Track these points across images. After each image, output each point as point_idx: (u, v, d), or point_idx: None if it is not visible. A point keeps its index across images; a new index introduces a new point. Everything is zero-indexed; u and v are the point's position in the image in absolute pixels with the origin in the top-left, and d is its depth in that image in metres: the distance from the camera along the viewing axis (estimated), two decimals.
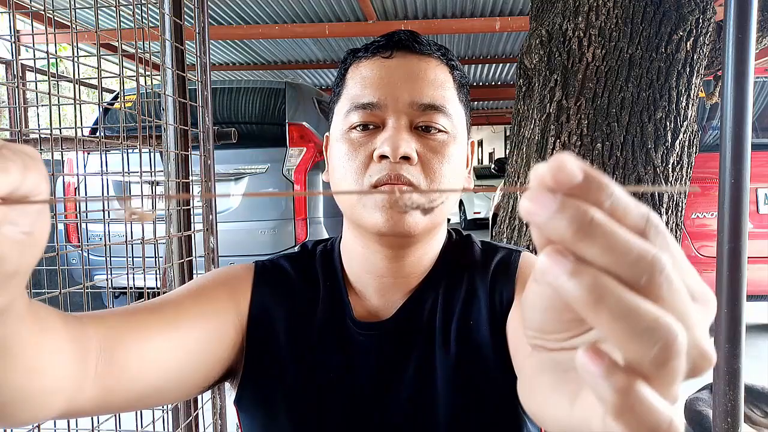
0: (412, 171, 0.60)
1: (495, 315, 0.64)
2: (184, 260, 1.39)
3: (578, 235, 0.22)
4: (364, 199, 0.61)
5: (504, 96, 8.94)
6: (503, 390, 0.61)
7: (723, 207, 1.04)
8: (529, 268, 0.66)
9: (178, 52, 1.33)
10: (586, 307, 0.21)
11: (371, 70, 0.64)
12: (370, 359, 0.65)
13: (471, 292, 0.66)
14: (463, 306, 0.66)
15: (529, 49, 1.71)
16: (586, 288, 0.21)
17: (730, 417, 1.16)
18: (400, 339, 0.66)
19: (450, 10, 5.05)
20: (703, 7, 1.59)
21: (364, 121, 0.62)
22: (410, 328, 0.66)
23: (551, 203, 0.22)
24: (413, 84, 0.62)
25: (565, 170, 0.22)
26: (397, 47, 0.64)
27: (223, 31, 5.27)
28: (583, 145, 1.61)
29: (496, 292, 0.65)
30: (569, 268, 0.22)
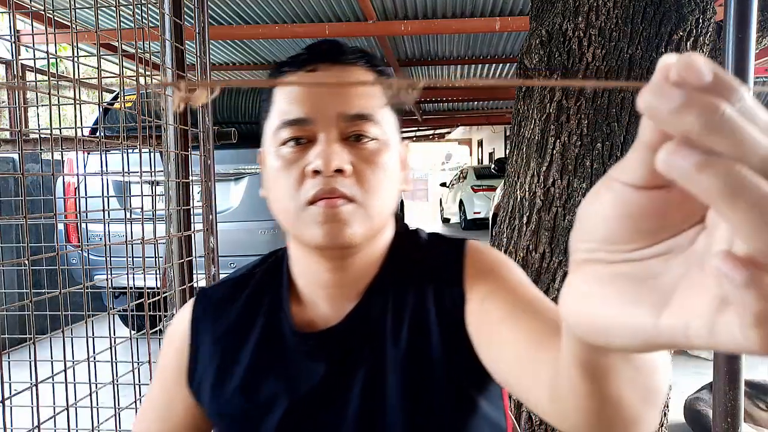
0: (346, 183, 0.60)
1: (444, 312, 0.64)
2: (184, 260, 1.39)
3: (708, 128, 0.21)
4: (302, 216, 0.61)
5: (504, 96, 8.94)
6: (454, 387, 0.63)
7: None
8: (477, 255, 0.66)
9: (178, 52, 1.33)
10: (721, 198, 0.21)
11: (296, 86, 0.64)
12: (314, 370, 0.65)
13: (420, 291, 0.66)
14: (413, 306, 0.65)
15: (529, 49, 1.71)
16: (722, 178, 0.20)
17: (730, 417, 1.16)
18: (347, 346, 0.65)
19: (450, 10, 5.05)
20: (703, 7, 1.59)
21: (295, 136, 0.62)
22: (358, 333, 0.66)
23: (678, 96, 0.21)
24: (340, 96, 0.63)
25: (693, 68, 0.22)
26: (321, 60, 0.65)
27: (223, 31, 5.27)
28: (583, 145, 1.61)
29: (444, 289, 0.65)
30: (700, 159, 0.21)
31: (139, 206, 1.37)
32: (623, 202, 0.25)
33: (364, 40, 5.91)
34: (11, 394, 1.15)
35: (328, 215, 0.59)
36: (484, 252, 0.68)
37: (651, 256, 0.26)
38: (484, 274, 0.64)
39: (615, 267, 0.26)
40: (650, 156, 0.23)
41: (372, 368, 0.64)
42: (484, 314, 0.59)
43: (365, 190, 0.61)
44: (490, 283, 0.62)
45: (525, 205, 1.69)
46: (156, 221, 1.38)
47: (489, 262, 0.66)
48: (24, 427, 1.25)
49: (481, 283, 0.63)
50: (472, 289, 0.63)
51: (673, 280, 0.25)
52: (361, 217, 0.61)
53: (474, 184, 10.68)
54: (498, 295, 0.60)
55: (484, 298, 0.61)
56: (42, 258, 1.23)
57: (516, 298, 0.58)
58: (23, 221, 1.07)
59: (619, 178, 0.25)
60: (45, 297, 1.23)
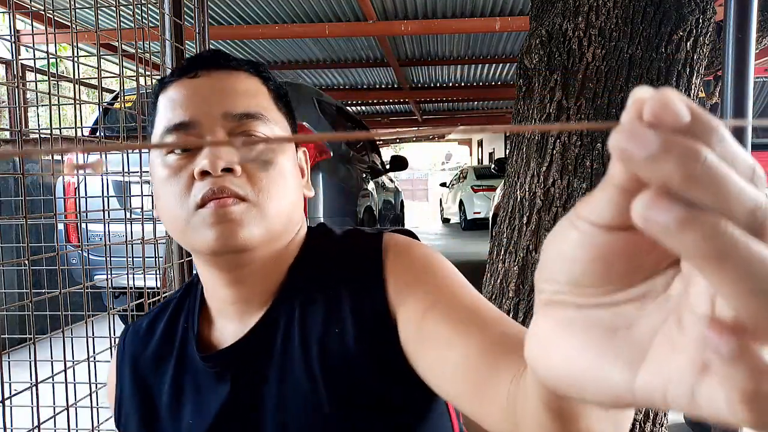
0: (236, 182, 0.57)
1: (362, 319, 0.58)
2: (184, 260, 1.39)
3: (690, 179, 0.19)
4: (193, 220, 0.57)
5: (504, 96, 8.94)
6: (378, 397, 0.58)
7: None
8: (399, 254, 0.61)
9: (178, 52, 1.33)
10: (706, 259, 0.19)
11: (178, 92, 0.61)
12: (220, 392, 0.61)
13: (333, 298, 0.61)
14: (324, 316, 0.60)
15: (529, 49, 1.71)
16: (707, 238, 0.18)
17: None
18: (251, 362, 0.61)
19: (450, 10, 5.05)
20: (703, 7, 1.59)
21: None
22: (262, 348, 0.61)
23: (653, 140, 0.19)
24: (224, 96, 0.60)
25: (669, 107, 0.20)
26: (202, 66, 0.62)
27: (223, 31, 5.27)
28: (583, 145, 1.61)
29: (362, 294, 0.59)
30: (682, 215, 0.19)
31: (139, 206, 1.37)
32: (590, 242, 0.23)
33: (364, 40, 5.91)
34: (11, 394, 1.15)
35: (218, 216, 0.56)
36: (406, 249, 0.62)
37: (623, 302, 0.24)
38: (412, 279, 0.58)
39: (585, 312, 0.24)
40: (621, 197, 0.21)
41: (282, 383, 0.59)
42: (425, 333, 0.54)
43: (258, 189, 0.58)
44: (424, 291, 0.56)
45: (525, 205, 1.69)
46: (156, 221, 1.38)
47: (416, 264, 0.60)
48: (24, 427, 1.25)
49: (411, 291, 0.57)
50: (400, 297, 0.57)
51: (649, 331, 0.23)
52: (255, 217, 0.57)
53: (474, 184, 10.69)
54: (437, 308, 0.54)
55: (423, 311, 0.54)
56: (42, 258, 1.23)
57: (459, 310, 0.53)
58: (23, 221, 1.07)
59: (586, 217, 0.23)
60: (45, 297, 1.23)
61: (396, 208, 5.79)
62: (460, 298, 0.55)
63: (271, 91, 0.66)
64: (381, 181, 4.95)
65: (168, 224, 0.61)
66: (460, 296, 0.55)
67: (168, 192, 0.59)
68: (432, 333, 0.53)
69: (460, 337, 0.50)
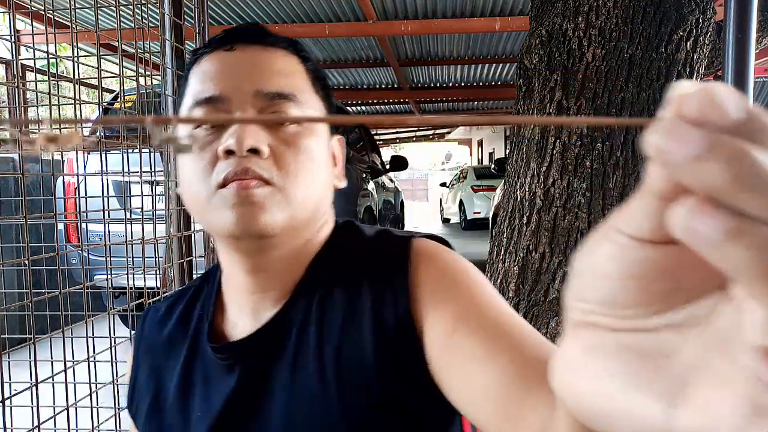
0: (262, 164, 0.53)
1: (382, 330, 0.54)
2: (184, 260, 1.39)
3: (739, 184, 0.17)
4: (213, 200, 0.54)
5: (504, 96, 8.93)
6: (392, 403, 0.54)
7: None
8: (427, 260, 0.57)
9: (178, 52, 1.33)
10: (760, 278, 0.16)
11: (212, 64, 0.58)
12: (227, 385, 0.59)
13: (353, 302, 0.57)
14: (343, 320, 0.56)
15: (529, 49, 1.71)
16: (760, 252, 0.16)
17: None
18: (261, 357, 0.58)
19: (450, 10, 5.05)
20: (703, 7, 1.59)
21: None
22: (274, 343, 0.58)
23: (698, 140, 0.17)
24: (258, 73, 0.57)
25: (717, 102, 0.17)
26: (239, 39, 0.59)
27: None
28: (583, 145, 1.61)
29: (385, 300, 0.55)
30: (730, 226, 0.17)
31: (139, 206, 1.37)
32: (627, 258, 0.20)
33: (364, 40, 5.91)
34: (11, 394, 1.15)
35: (240, 197, 0.53)
36: (436, 257, 0.57)
37: (662, 327, 0.21)
38: (441, 290, 0.54)
39: (619, 336, 0.21)
40: (660, 207, 0.19)
41: (292, 383, 0.57)
42: (453, 349, 0.50)
43: (284, 174, 0.55)
44: (453, 304, 0.52)
45: (525, 205, 1.69)
46: (156, 221, 1.38)
47: (445, 274, 0.56)
48: (24, 427, 1.25)
49: (439, 303, 0.53)
50: (427, 309, 0.53)
51: (690, 362, 0.20)
52: (279, 202, 0.54)
53: (474, 184, 10.69)
54: (466, 323, 0.50)
55: (452, 326, 0.51)
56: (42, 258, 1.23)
57: (489, 325, 0.50)
58: (23, 221, 1.07)
59: (622, 229, 0.20)
60: (45, 297, 1.23)
61: (396, 208, 5.79)
62: (490, 313, 0.51)
63: (309, 71, 0.62)
64: (381, 181, 4.95)
65: (188, 202, 0.59)
66: (491, 310, 0.52)
67: (191, 168, 0.56)
68: (460, 350, 0.49)
69: (491, 356, 0.47)
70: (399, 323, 0.54)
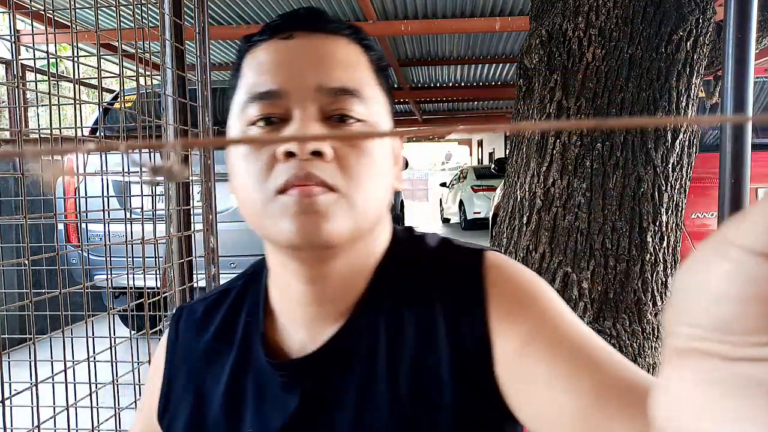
0: (325, 169, 0.49)
1: (460, 352, 0.51)
2: (184, 260, 1.39)
3: None
4: (271, 206, 0.50)
5: (504, 96, 8.94)
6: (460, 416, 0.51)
7: (723, 207, 1.04)
8: (501, 276, 0.53)
9: (178, 52, 1.33)
10: None
11: (268, 54, 0.53)
12: (287, 405, 0.54)
13: (426, 321, 0.53)
14: (416, 341, 0.53)
15: (529, 49, 1.71)
16: None
17: None
18: (324, 379, 0.54)
19: (450, 10, 5.05)
20: (703, 7, 1.59)
21: (265, 113, 0.51)
22: (338, 365, 0.54)
23: None
24: (319, 66, 0.52)
25: None
26: (298, 26, 0.54)
27: (223, 31, 5.27)
28: (583, 145, 1.61)
29: (460, 321, 0.52)
30: None
31: (139, 206, 1.37)
32: (747, 277, 0.18)
33: None
34: (11, 394, 1.15)
35: (301, 205, 0.48)
36: (510, 271, 0.54)
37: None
38: (515, 306, 0.51)
39: (735, 367, 0.19)
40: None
41: (361, 411, 0.53)
42: (526, 367, 0.47)
43: (349, 179, 0.50)
44: (527, 320, 0.49)
45: (525, 205, 1.69)
46: (156, 221, 1.38)
47: (520, 289, 0.52)
48: (24, 427, 1.25)
49: (512, 318, 0.50)
50: (501, 325, 0.50)
51: None
52: (343, 210, 0.50)
53: (474, 184, 10.69)
54: (542, 341, 0.47)
55: (524, 343, 0.48)
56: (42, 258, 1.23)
57: (566, 345, 0.46)
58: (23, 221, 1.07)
59: (740, 243, 0.18)
60: (45, 297, 1.23)
61: (396, 208, 5.80)
62: (567, 332, 0.48)
63: (372, 62, 0.57)
64: None
65: (242, 206, 0.54)
66: (568, 329, 0.48)
67: (246, 170, 0.51)
68: (534, 369, 0.47)
69: (569, 377, 0.44)
70: (477, 341, 0.51)
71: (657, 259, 1.61)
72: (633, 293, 1.60)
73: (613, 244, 1.59)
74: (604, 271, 1.59)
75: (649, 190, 1.58)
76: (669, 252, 1.65)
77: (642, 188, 1.58)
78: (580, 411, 0.42)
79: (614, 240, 1.59)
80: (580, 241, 1.60)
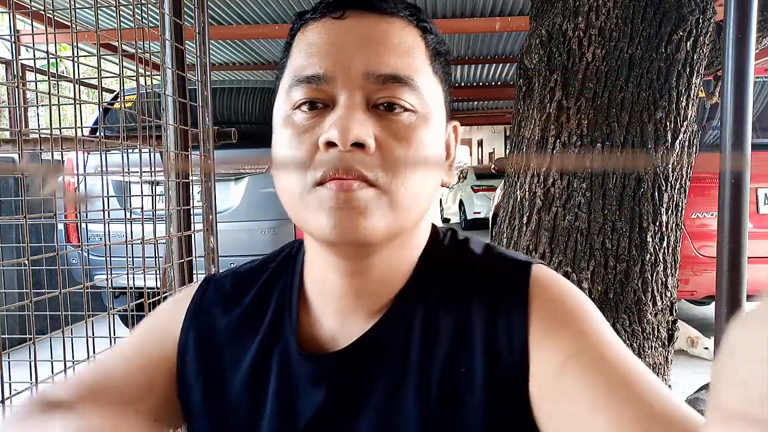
0: (367, 162, 0.46)
1: (495, 363, 0.49)
2: (184, 260, 1.39)
3: None
4: (308, 198, 0.47)
5: (504, 96, 8.94)
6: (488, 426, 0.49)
7: (723, 207, 1.04)
8: (546, 290, 0.51)
9: (178, 52, 1.33)
10: None
11: (318, 35, 0.50)
12: (312, 398, 0.52)
13: (463, 326, 0.51)
14: (451, 346, 0.51)
15: (529, 49, 1.71)
16: None
17: None
18: (353, 376, 0.52)
19: (450, 10, 5.05)
20: (703, 7, 1.59)
21: (310, 97, 0.49)
22: (369, 363, 0.52)
23: None
24: (370, 50, 0.49)
25: None
26: (351, 5, 0.50)
27: (223, 31, 5.27)
28: (583, 145, 1.61)
29: (499, 331, 0.50)
30: None
31: (139, 206, 1.37)
32: None
33: None
34: (11, 394, 1.15)
35: (338, 200, 0.46)
36: (556, 289, 0.51)
37: None
38: (558, 324, 0.48)
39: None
40: None
41: (387, 407, 0.51)
42: (564, 387, 0.45)
43: (392, 174, 0.47)
44: (569, 340, 0.47)
45: (525, 205, 1.69)
46: (156, 221, 1.38)
47: (565, 308, 0.50)
48: None
49: (554, 335, 0.48)
50: (539, 341, 0.48)
51: None
52: (383, 207, 0.47)
53: (474, 184, 10.69)
54: (584, 362, 0.45)
55: (564, 363, 0.46)
56: (42, 258, 1.23)
57: (608, 368, 0.44)
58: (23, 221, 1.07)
59: None
60: (45, 297, 1.23)
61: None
62: (610, 357, 0.45)
63: (429, 47, 0.53)
64: None
65: (281, 194, 0.51)
66: (611, 354, 0.46)
67: (286, 157, 0.49)
68: (573, 389, 0.44)
69: (609, 404, 0.42)
70: (514, 354, 0.49)
71: (657, 259, 1.61)
72: (633, 293, 1.60)
73: (613, 244, 1.59)
74: (604, 271, 1.59)
75: (649, 190, 1.58)
76: (669, 252, 1.65)
77: (642, 188, 1.58)
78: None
79: (614, 240, 1.59)
80: (580, 241, 1.60)
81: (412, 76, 0.49)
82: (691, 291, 3.31)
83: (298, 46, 0.52)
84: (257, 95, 3.59)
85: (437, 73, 0.53)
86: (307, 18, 0.52)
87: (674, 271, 1.68)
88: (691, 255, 3.21)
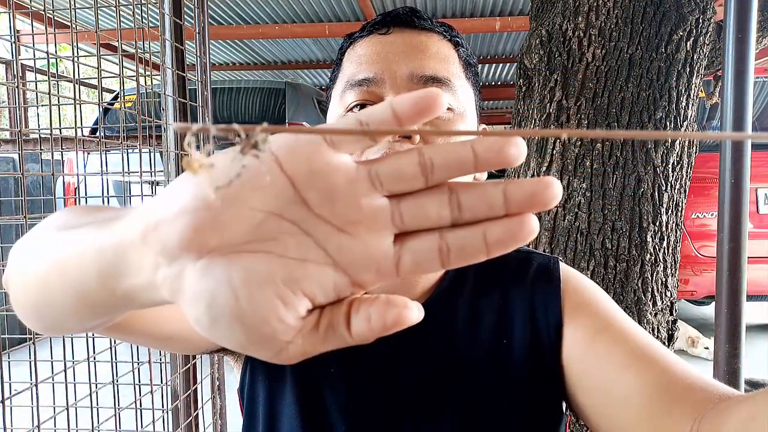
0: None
1: (537, 336, 0.57)
2: None
3: None
4: None
5: (504, 96, 8.93)
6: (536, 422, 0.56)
7: (723, 207, 1.04)
8: (573, 281, 0.60)
9: (178, 52, 1.33)
10: None
11: (367, 48, 0.59)
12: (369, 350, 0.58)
13: (505, 304, 0.59)
14: (496, 321, 0.59)
15: (529, 49, 1.71)
16: None
17: None
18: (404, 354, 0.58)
19: (450, 10, 5.05)
20: (703, 7, 1.59)
21: (361, 99, 0.56)
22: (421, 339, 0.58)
23: None
24: (413, 56, 0.57)
25: None
26: (395, 23, 0.60)
27: (223, 31, 5.27)
28: (583, 145, 1.61)
29: (538, 308, 0.58)
30: None
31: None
32: None
33: None
34: (11, 394, 1.15)
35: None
36: (580, 276, 0.62)
37: None
38: (586, 302, 0.58)
39: None
40: None
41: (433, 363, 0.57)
42: (596, 353, 0.53)
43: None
44: (597, 315, 0.56)
45: None
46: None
47: (589, 290, 0.59)
48: (24, 427, 1.25)
49: (584, 311, 0.57)
50: (573, 315, 0.57)
51: None
52: None
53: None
54: (609, 332, 0.53)
55: (596, 332, 0.54)
56: None
57: (631, 340, 0.52)
58: (23, 221, 1.07)
59: None
60: None
61: None
62: (631, 329, 0.54)
63: (461, 58, 0.62)
64: None
65: None
66: (633, 328, 0.54)
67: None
68: (603, 355, 0.52)
69: (635, 366, 0.49)
70: (551, 327, 0.57)
71: (657, 259, 1.61)
72: (633, 293, 1.60)
73: (613, 244, 1.59)
74: (604, 271, 1.59)
75: (649, 190, 1.58)
76: (669, 252, 1.65)
77: (642, 188, 1.58)
78: (645, 397, 0.47)
79: (614, 240, 1.58)
80: (580, 241, 1.60)
81: (450, 78, 0.58)
82: (691, 291, 3.31)
83: (348, 59, 0.60)
84: (257, 95, 3.59)
85: (469, 79, 0.62)
86: (356, 36, 0.62)
87: (674, 271, 1.68)
88: (691, 255, 3.21)
